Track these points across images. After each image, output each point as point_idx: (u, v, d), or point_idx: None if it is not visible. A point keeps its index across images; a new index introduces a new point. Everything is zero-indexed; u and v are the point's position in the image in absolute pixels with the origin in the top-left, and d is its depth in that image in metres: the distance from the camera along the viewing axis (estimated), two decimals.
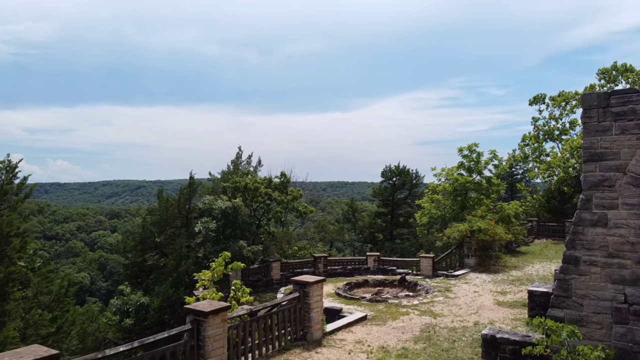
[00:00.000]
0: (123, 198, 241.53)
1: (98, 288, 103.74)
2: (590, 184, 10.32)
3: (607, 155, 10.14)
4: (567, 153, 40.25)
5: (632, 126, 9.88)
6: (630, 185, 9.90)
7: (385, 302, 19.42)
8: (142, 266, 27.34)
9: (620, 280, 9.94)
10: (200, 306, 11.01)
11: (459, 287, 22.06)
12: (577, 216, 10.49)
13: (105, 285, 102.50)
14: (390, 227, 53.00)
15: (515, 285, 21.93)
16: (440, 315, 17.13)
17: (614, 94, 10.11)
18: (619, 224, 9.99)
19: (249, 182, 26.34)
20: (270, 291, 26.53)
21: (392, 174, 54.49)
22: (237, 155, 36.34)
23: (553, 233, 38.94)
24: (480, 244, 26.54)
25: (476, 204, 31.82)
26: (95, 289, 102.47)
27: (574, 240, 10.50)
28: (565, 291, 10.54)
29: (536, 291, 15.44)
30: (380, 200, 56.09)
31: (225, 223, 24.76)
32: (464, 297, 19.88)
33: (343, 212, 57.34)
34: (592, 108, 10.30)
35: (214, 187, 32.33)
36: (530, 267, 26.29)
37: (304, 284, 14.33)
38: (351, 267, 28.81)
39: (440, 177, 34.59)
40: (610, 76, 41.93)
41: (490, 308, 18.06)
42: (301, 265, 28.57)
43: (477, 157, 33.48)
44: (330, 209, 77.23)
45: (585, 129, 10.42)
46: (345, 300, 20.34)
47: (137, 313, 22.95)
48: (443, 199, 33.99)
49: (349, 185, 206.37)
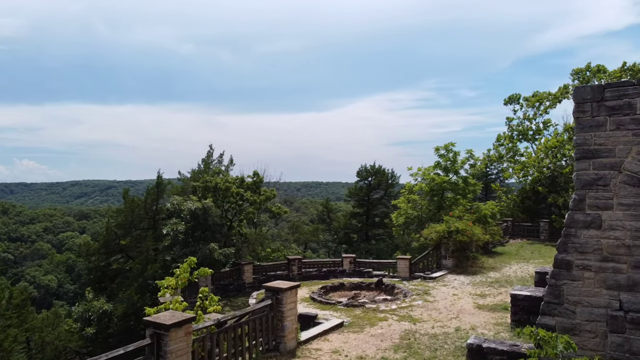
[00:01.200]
0: (93, 198, 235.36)
1: (66, 291, 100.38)
2: (584, 182, 9.66)
3: (601, 152, 9.50)
4: (541, 153, 40.30)
5: (628, 121, 9.26)
6: (626, 184, 9.28)
7: (362, 306, 18.60)
8: (106, 270, 25.83)
9: (616, 285, 9.31)
10: (162, 318, 9.93)
11: (438, 289, 21.42)
12: (570, 217, 9.82)
13: (73, 288, 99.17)
14: (365, 227, 52.36)
15: (494, 288, 21.42)
16: (420, 320, 16.39)
17: (609, 87, 9.48)
18: (614, 225, 9.36)
19: (220, 182, 25.12)
20: (242, 295, 25.44)
21: (368, 174, 53.87)
22: (208, 154, 35.04)
23: (528, 233, 38.91)
24: (458, 245, 26.03)
25: (453, 204, 31.37)
26: (62, 292, 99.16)
27: (566, 243, 9.84)
28: (557, 297, 9.86)
29: (519, 295, 14.85)
30: (355, 201, 55.41)
31: (194, 225, 23.54)
32: (443, 301, 19.22)
33: (318, 212, 56.40)
34: (586, 102, 9.65)
35: (184, 187, 30.97)
36: (507, 268, 25.90)
37: (276, 291, 13.36)
38: (326, 269, 27.95)
39: (417, 176, 34.08)
40: (584, 77, 42.20)
41: (470, 312, 17.42)
42: (274, 268, 27.54)
43: (454, 156, 33.06)
44: (305, 210, 76.36)
45: (578, 124, 9.76)
46: (321, 305, 19.44)
47: (99, 321, 21.52)
48: (419, 199, 33.46)
49: (323, 185, 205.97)
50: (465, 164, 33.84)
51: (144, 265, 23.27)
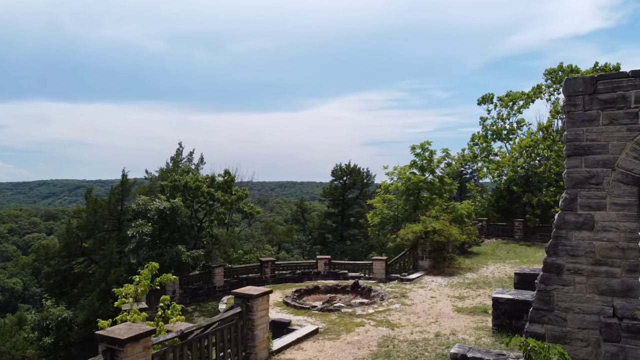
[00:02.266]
0: (61, 198, 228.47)
1: (32, 294, 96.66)
2: (575, 181, 9.05)
3: (593, 148, 8.91)
4: (516, 153, 40.32)
5: (622, 115, 8.68)
6: (619, 182, 8.70)
7: (338, 311, 17.80)
8: (67, 275, 24.33)
9: (609, 291, 8.73)
10: (116, 332, 8.89)
11: (415, 292, 20.80)
12: (560, 218, 9.19)
13: (40, 291, 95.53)
14: (340, 227, 51.68)
15: (472, 289, 20.93)
16: (398, 325, 15.68)
17: (602, 79, 8.89)
18: (607, 226, 8.77)
19: (190, 181, 23.94)
20: (213, 299, 24.35)
21: (343, 173, 53.20)
22: (177, 152, 33.66)
23: (502, 232, 38.89)
24: (435, 246, 25.52)
25: (429, 203, 30.91)
26: (28, 295, 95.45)
27: (556, 245, 9.21)
28: (547, 304, 9.23)
29: (501, 298, 14.26)
30: (330, 200, 54.68)
31: (162, 226, 22.34)
32: (421, 304, 18.59)
33: (292, 212, 55.45)
34: (577, 95, 9.04)
35: (151, 186, 29.60)
36: (484, 269, 25.53)
37: (247, 297, 12.42)
38: (300, 271, 27.10)
39: (393, 175, 33.52)
40: (557, 77, 42.46)
41: (450, 316, 16.82)
42: (247, 270, 26.53)
43: (430, 155, 32.63)
44: (279, 209, 75.33)
45: (569, 119, 9.14)
46: (295, 310, 18.56)
47: (58, 330, 20.13)
48: (395, 198, 32.90)
49: (298, 185, 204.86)
50: (441, 163, 33.48)
51: (107, 269, 21.93)
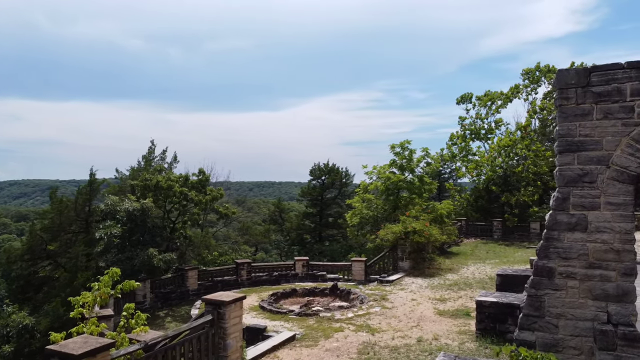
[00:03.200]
0: (33, 199, 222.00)
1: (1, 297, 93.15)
2: (568, 179, 8.52)
3: (587, 144, 8.39)
4: (494, 152, 40.25)
5: (617, 109, 8.18)
6: (614, 180, 8.19)
7: (316, 315, 17.09)
8: (30, 279, 23.02)
9: (603, 295, 8.21)
10: (70, 346, 7.99)
11: (396, 294, 20.24)
12: (552, 218, 8.65)
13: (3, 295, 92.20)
14: (319, 228, 50.99)
15: (453, 291, 20.47)
16: (378, 330, 15.06)
17: (596, 70, 8.37)
18: (602, 227, 8.26)
19: (162, 180, 22.87)
20: (186, 304, 23.36)
21: (321, 173, 52.51)
22: (149, 150, 32.35)
23: (481, 232, 38.75)
24: (415, 246, 25.04)
25: (409, 203, 30.46)
26: None
27: (548, 247, 8.67)
28: (537, 310, 8.69)
29: (485, 302, 13.74)
30: (308, 200, 53.92)
31: (132, 227, 21.26)
32: (402, 307, 18.02)
33: (269, 212, 54.49)
34: (570, 87, 8.51)
35: (122, 186, 28.36)
36: (465, 270, 25.15)
37: (218, 304, 11.61)
38: (277, 273, 26.29)
39: (372, 175, 32.98)
40: (534, 77, 42.60)
41: (431, 319, 16.27)
42: (222, 273, 25.59)
43: (410, 154, 32.19)
44: (258, 210, 74.28)
45: (561, 113, 8.61)
46: (271, 315, 17.78)
47: (19, 337, 18.89)
48: (375, 198, 32.37)
49: (276, 185, 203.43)
50: (421, 162, 33.06)
51: (73, 273, 20.75)
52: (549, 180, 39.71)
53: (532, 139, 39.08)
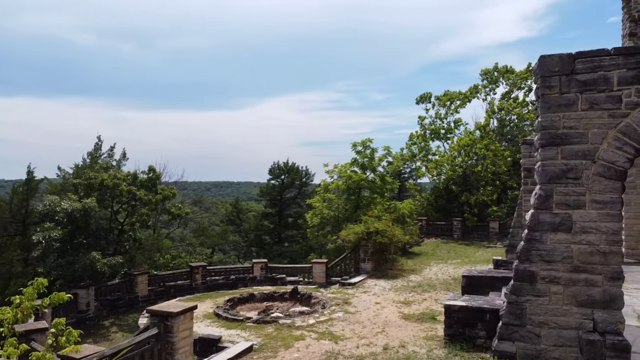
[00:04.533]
0: None
1: None
2: (551, 175, 7.82)
3: (571, 137, 7.71)
4: (454, 152, 40.26)
5: (604, 99, 7.53)
6: (600, 177, 7.54)
7: (275, 322, 16.01)
8: None
9: (589, 302, 7.55)
10: None
11: (359, 297, 19.41)
12: (534, 218, 7.93)
13: None
14: (278, 228, 49.77)
15: (417, 293, 19.84)
16: (342, 337, 14.14)
17: (581, 57, 7.70)
18: (587, 227, 7.60)
19: (107, 179, 21.07)
20: (135, 311, 21.74)
21: (281, 172, 51.30)
22: (95, 147, 30.10)
23: (442, 232, 38.65)
24: (377, 247, 24.37)
25: (370, 203, 29.80)
26: None
27: (529, 250, 7.94)
28: (518, 318, 7.94)
29: (453, 306, 13.03)
30: (267, 200, 52.59)
31: (73, 230, 19.47)
32: (365, 311, 17.19)
33: (227, 212, 52.74)
34: (553, 75, 7.81)
35: (64, 185, 26.23)
36: (428, 270, 24.66)
37: (165, 316, 10.40)
38: (235, 276, 24.98)
39: (333, 174, 32.14)
40: (492, 77, 42.97)
41: (397, 324, 15.51)
42: (174, 277, 24.06)
43: (371, 153, 31.57)
44: (215, 210, 72.26)
45: (543, 103, 7.90)
46: (227, 322, 16.56)
47: None
48: (336, 198, 31.55)
49: (235, 185, 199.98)
50: (382, 161, 32.50)
51: (7, 279, 18.78)
52: (507, 179, 40.13)
53: (491, 139, 39.33)
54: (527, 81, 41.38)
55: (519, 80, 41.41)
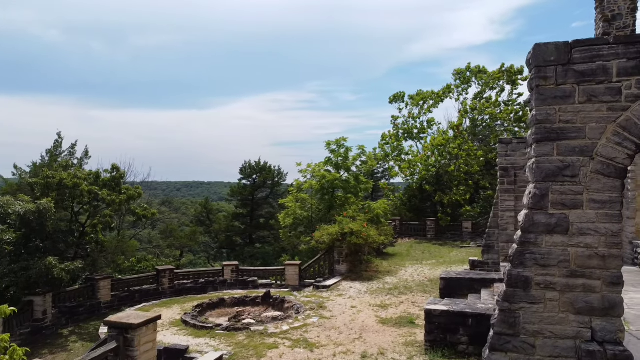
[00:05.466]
0: None
1: None
2: (546, 172, 7.26)
3: (568, 132, 7.16)
4: (428, 151, 40.08)
5: (603, 91, 7.01)
6: (599, 174, 7.02)
7: (247, 329, 15.17)
8: None
9: (587, 309, 7.02)
10: None
11: (334, 301, 18.72)
12: (528, 219, 7.36)
13: None
14: (249, 229, 48.65)
15: (394, 296, 19.29)
16: (317, 345, 13.41)
17: (579, 45, 7.16)
18: (585, 229, 7.07)
19: (66, 178, 19.66)
20: (97, 318, 20.46)
21: (252, 171, 50.17)
22: (55, 144, 28.36)
23: (415, 232, 38.38)
24: (352, 248, 23.74)
25: (344, 203, 29.18)
26: None
27: (523, 253, 7.36)
28: (511, 327, 7.35)
29: (434, 310, 12.49)
30: (238, 200, 51.38)
31: (27, 232, 18.08)
32: (341, 316, 16.50)
33: (196, 213, 51.24)
34: (548, 65, 7.26)
35: (20, 184, 24.60)
36: (403, 272, 24.18)
37: (125, 328, 9.45)
38: (204, 280, 23.94)
39: (306, 173, 31.38)
40: (465, 77, 42.99)
41: (374, 329, 14.88)
42: (140, 281, 22.86)
43: (346, 152, 30.94)
44: (185, 210, 70.61)
45: (538, 95, 7.33)
46: (195, 330, 15.60)
47: None
48: (309, 198, 30.80)
49: (205, 185, 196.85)
50: (357, 160, 31.94)
51: None
52: (480, 179, 40.19)
53: (464, 139, 39.29)
54: (499, 81, 41.58)
55: (491, 81, 41.53)
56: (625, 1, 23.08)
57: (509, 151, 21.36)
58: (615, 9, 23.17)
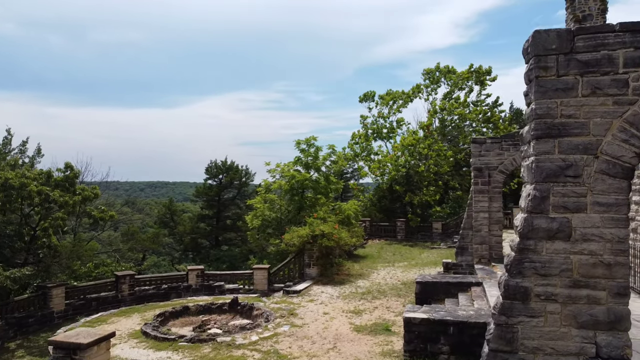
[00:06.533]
0: None
1: None
2: (547, 172, 6.59)
3: (570, 127, 6.51)
4: (398, 151, 39.70)
5: (608, 83, 6.38)
6: (604, 174, 6.39)
7: (212, 341, 14.12)
8: None
9: (591, 322, 6.38)
10: None
11: (305, 307, 17.85)
12: (527, 224, 6.67)
13: None
14: (216, 231, 47.18)
15: (367, 300, 18.57)
16: (289, 357, 12.53)
17: (582, 33, 6.52)
18: (589, 235, 6.43)
19: (12, 177, 17.97)
20: (49, 329, 18.89)
21: (219, 171, 48.68)
22: (4, 141, 26.26)
23: (385, 233, 37.91)
24: (323, 251, 22.93)
25: (314, 204, 28.34)
26: None
27: (522, 261, 6.67)
28: (509, 343, 6.65)
29: (414, 319, 11.81)
30: (204, 201, 49.81)
31: None
32: (314, 324, 15.65)
33: (159, 214, 49.31)
34: (549, 54, 6.59)
35: None
36: (375, 275, 23.53)
37: (73, 348, 8.35)
38: (167, 285, 22.60)
39: (275, 173, 30.36)
40: (434, 77, 42.87)
41: (349, 338, 14.09)
42: (97, 288, 21.35)
43: (316, 152, 30.09)
44: (149, 211, 68.40)
45: (538, 87, 6.65)
46: (156, 343, 14.43)
47: None
48: (278, 198, 29.81)
49: (170, 185, 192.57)
50: (327, 159, 31.16)
51: None
52: (450, 179, 40.11)
53: (434, 139, 39.10)
54: (468, 82, 41.62)
55: (460, 81, 41.53)
56: (595, 2, 23.18)
57: (483, 151, 21.00)
58: (585, 10, 23.24)
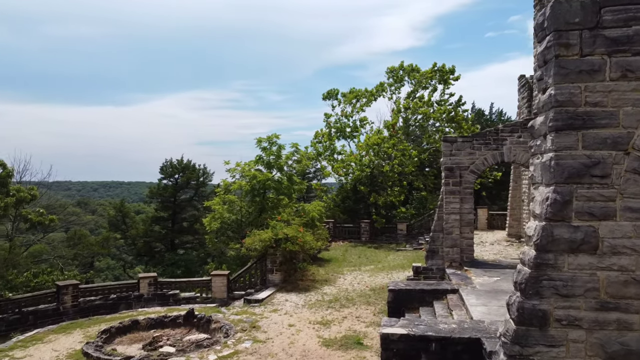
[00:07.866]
0: None
1: None
2: (569, 172, 5.46)
3: (597, 117, 5.41)
4: (362, 150, 38.74)
5: None
6: (637, 174, 5.32)
7: None
8: None
9: (622, 353, 5.29)
10: None
11: (268, 318, 16.42)
12: (546, 233, 5.52)
13: None
14: (171, 234, 44.78)
15: (335, 309, 17.32)
16: None
17: (609, 4, 5.43)
18: (619, 247, 5.35)
19: None
20: None
21: (175, 170, 46.30)
22: None
23: (349, 235, 36.81)
24: (287, 255, 21.54)
25: (277, 205, 26.90)
26: None
27: (539, 279, 5.52)
28: None
29: (392, 335, 10.57)
30: (158, 202, 47.28)
31: None
32: (278, 338, 14.26)
33: (110, 216, 46.39)
34: (572, 29, 5.47)
35: None
36: (342, 280, 22.33)
37: None
38: (116, 295, 20.65)
39: (235, 173, 28.70)
40: (398, 75, 42.18)
41: (318, 354, 12.81)
42: (36, 300, 19.20)
43: (278, 150, 28.64)
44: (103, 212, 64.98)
45: (558, 67, 5.52)
46: None
47: None
48: (238, 199, 28.17)
49: (125, 185, 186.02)
50: (290, 159, 29.79)
51: None
52: (414, 180, 39.46)
53: (399, 138, 38.37)
54: (431, 81, 41.12)
55: (424, 80, 40.99)
56: None
57: (454, 150, 20.16)
58: None
